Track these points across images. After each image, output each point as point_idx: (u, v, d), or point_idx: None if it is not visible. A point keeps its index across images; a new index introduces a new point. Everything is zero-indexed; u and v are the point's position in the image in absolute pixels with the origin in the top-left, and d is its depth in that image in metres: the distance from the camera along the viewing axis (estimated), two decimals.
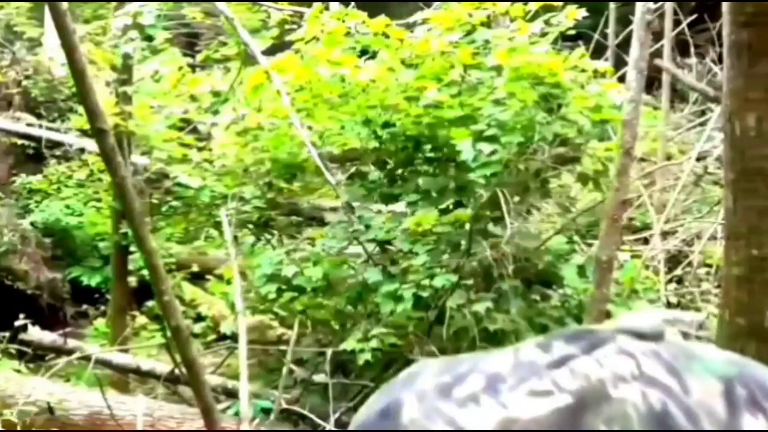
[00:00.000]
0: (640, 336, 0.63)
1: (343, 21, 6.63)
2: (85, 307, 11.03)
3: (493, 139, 6.03)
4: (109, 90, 9.03)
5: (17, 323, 6.31)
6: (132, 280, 10.75)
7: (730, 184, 2.18)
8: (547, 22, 7.20)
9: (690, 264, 9.90)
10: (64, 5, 4.20)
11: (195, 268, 10.92)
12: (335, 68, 6.50)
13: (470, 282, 6.19)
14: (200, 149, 9.56)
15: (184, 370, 5.23)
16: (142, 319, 10.12)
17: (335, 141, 7.94)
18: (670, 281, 9.87)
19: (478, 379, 0.63)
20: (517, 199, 6.27)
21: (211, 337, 9.57)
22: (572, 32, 7.00)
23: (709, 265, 10.40)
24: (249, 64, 8.16)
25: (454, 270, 6.04)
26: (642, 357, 0.61)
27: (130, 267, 10.81)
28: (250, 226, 8.59)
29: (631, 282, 6.55)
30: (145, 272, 10.92)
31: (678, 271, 9.87)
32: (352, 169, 8.38)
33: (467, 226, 6.26)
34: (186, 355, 4.73)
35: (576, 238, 7.73)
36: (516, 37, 6.90)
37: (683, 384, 0.59)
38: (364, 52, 7.37)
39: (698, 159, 13.49)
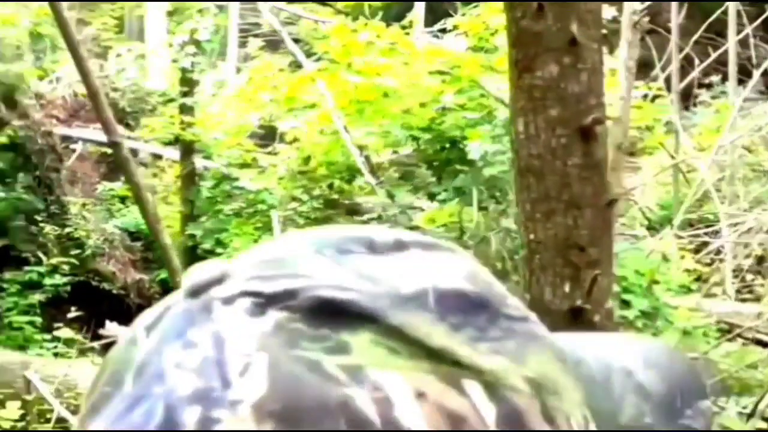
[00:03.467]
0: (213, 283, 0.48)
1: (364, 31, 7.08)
2: None
3: (498, 138, 6.41)
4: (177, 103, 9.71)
5: (70, 315, 6.98)
6: None
7: (513, 181, 2.59)
8: None
9: (748, 256, 10.02)
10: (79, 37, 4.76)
11: None
12: (359, 76, 6.96)
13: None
14: (267, 153, 10.18)
15: None
16: None
17: (378, 144, 8.41)
18: (735, 274, 10.01)
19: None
20: None
21: None
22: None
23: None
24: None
25: None
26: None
27: None
28: (304, 223, 9.09)
29: (652, 274, 6.81)
30: None
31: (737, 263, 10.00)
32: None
33: (488, 222, 6.65)
34: None
35: None
36: None
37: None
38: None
39: None
